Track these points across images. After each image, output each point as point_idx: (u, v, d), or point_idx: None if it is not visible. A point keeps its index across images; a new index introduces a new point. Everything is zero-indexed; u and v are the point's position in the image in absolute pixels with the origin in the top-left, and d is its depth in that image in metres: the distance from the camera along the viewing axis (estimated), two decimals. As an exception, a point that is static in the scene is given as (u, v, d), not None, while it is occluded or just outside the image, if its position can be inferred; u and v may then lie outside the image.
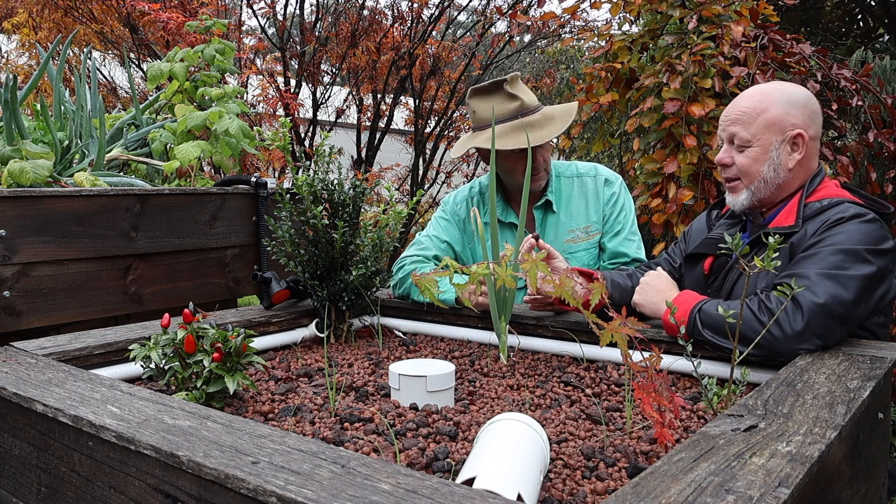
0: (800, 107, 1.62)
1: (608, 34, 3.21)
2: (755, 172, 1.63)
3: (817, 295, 1.37)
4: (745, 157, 1.64)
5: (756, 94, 1.65)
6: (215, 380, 1.30)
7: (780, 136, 1.61)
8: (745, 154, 1.64)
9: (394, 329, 2.01)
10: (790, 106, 1.61)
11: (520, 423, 1.03)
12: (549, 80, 7.31)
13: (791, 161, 1.62)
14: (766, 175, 1.63)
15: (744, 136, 1.63)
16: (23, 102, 2.42)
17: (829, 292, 1.37)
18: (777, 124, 1.61)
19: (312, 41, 5.79)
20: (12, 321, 1.81)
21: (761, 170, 1.63)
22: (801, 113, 1.62)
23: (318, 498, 0.76)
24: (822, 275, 1.40)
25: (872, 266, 1.43)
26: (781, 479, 0.81)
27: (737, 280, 1.66)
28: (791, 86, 1.67)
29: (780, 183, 1.64)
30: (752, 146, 1.63)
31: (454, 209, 2.27)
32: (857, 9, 6.84)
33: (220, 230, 2.29)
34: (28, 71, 6.07)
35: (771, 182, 1.63)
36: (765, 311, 1.39)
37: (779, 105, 1.61)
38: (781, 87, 1.66)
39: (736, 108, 1.65)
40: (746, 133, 1.62)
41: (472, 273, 1.50)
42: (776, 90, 1.65)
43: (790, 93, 1.64)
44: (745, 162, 1.64)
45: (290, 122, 2.16)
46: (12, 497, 1.22)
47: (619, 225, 2.16)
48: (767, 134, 1.61)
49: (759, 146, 1.62)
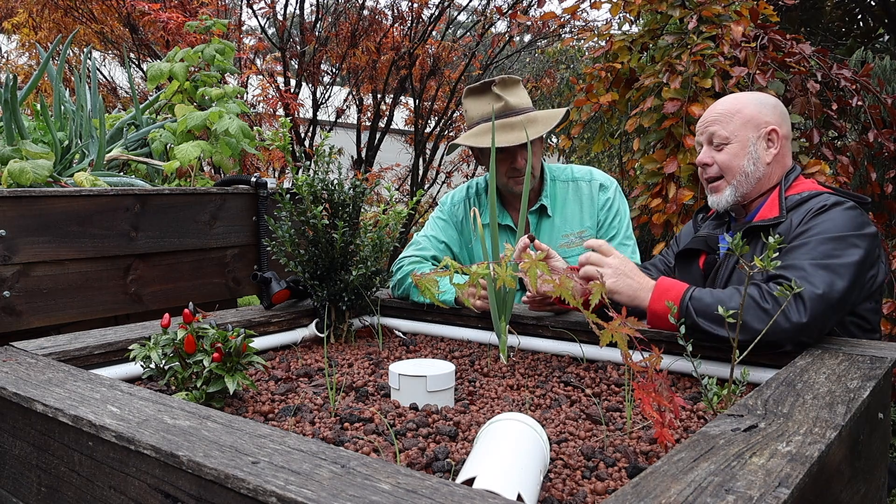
0: (770, 107, 1.74)
1: (608, 34, 3.21)
2: (736, 167, 1.72)
3: (815, 286, 1.40)
4: (724, 154, 1.73)
5: (730, 98, 1.78)
6: (215, 380, 1.30)
7: (756, 132, 1.72)
8: (724, 151, 1.73)
9: (394, 329, 2.01)
10: (762, 106, 1.74)
11: (520, 423, 1.03)
12: (549, 80, 7.32)
13: (768, 156, 1.72)
14: (747, 169, 1.71)
15: (722, 133, 1.73)
16: (23, 102, 2.42)
17: (826, 281, 1.41)
18: (752, 121, 1.72)
19: (312, 41, 5.79)
20: (12, 321, 1.81)
21: (742, 164, 1.71)
22: (772, 112, 1.74)
23: (318, 498, 0.76)
24: (816, 265, 1.44)
25: (861, 250, 1.47)
26: (781, 479, 0.81)
27: (730, 276, 1.70)
28: (762, 93, 1.83)
29: (760, 177, 1.72)
30: (730, 143, 1.73)
31: (451, 210, 2.27)
32: (857, 9, 6.84)
33: (220, 230, 2.29)
34: (28, 71, 6.07)
35: (751, 175, 1.72)
36: (768, 299, 1.41)
37: (752, 105, 1.74)
38: (753, 93, 1.81)
39: (713, 112, 1.77)
40: (725, 131, 1.73)
41: (471, 273, 1.50)
42: (747, 94, 1.79)
43: (759, 96, 1.77)
44: (726, 158, 1.73)
45: (290, 122, 2.17)
46: (12, 497, 1.22)
47: (613, 230, 2.16)
48: (744, 130, 1.72)
49: (737, 142, 1.72)
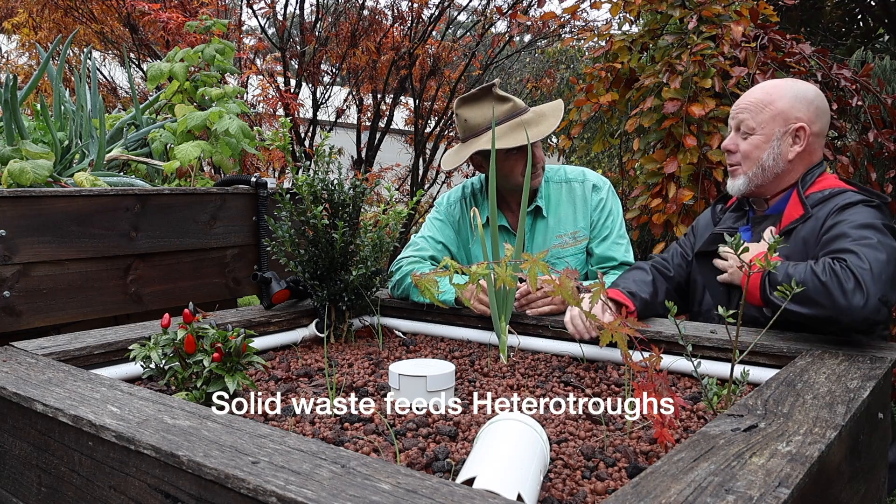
0: (806, 102, 1.72)
1: (608, 34, 3.21)
2: (755, 158, 1.73)
3: (863, 261, 1.41)
4: (748, 143, 1.74)
5: (768, 86, 1.76)
6: (215, 380, 1.30)
7: (783, 127, 1.71)
8: (748, 141, 1.74)
9: (394, 329, 2.01)
10: (797, 101, 1.71)
11: (520, 423, 1.03)
12: (549, 80, 7.32)
13: (791, 153, 1.71)
14: (766, 162, 1.72)
15: (750, 123, 1.73)
16: (23, 102, 2.42)
17: (871, 257, 1.42)
18: (782, 115, 1.71)
19: (312, 41, 5.79)
20: (12, 321, 1.81)
21: (761, 157, 1.72)
22: (806, 108, 1.71)
23: (318, 498, 0.76)
24: (858, 244, 1.45)
25: (893, 241, 1.49)
26: (781, 479, 0.81)
27: None
28: (803, 83, 1.76)
29: (779, 172, 1.73)
30: (755, 134, 1.73)
31: (448, 210, 2.27)
32: (857, 9, 6.84)
33: (220, 230, 2.29)
34: (28, 71, 6.06)
35: (769, 170, 1.72)
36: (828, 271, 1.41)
37: (786, 98, 1.72)
38: (792, 84, 1.76)
39: (747, 98, 1.76)
40: (753, 121, 1.73)
41: (472, 273, 1.50)
42: (787, 85, 1.75)
43: (799, 89, 1.74)
44: (748, 148, 1.74)
45: (290, 122, 2.17)
46: (12, 497, 1.22)
47: (606, 230, 2.17)
48: (772, 124, 1.71)
49: (762, 134, 1.72)
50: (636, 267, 1.91)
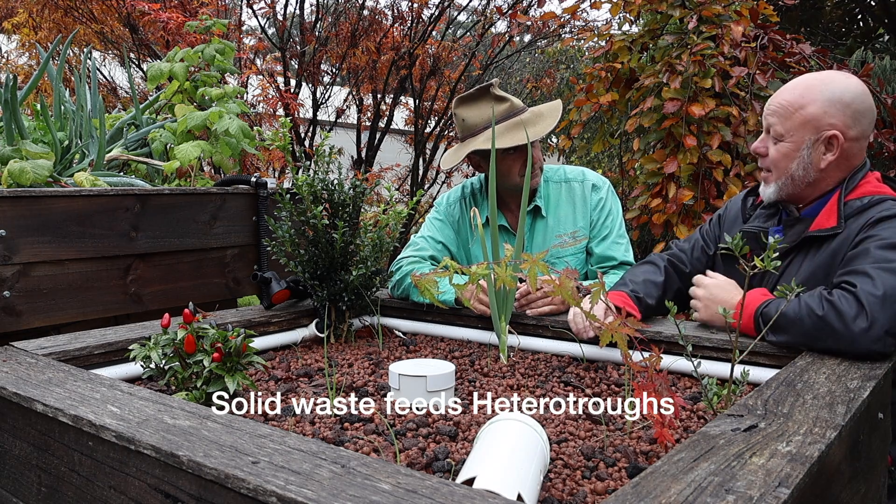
0: (842, 106, 1.55)
1: (608, 34, 3.21)
2: (783, 168, 1.60)
3: (876, 287, 1.35)
4: (776, 150, 1.61)
5: (801, 87, 1.59)
6: (215, 380, 1.30)
7: (815, 135, 1.56)
8: (777, 147, 1.61)
9: (394, 329, 2.01)
10: (830, 105, 1.55)
11: (520, 423, 1.03)
12: (549, 80, 7.32)
13: (823, 161, 1.57)
14: (795, 173, 1.59)
15: (779, 129, 1.60)
16: (23, 102, 2.42)
17: (887, 283, 1.35)
18: (813, 122, 1.56)
19: (312, 41, 5.79)
20: (12, 321, 1.81)
21: (790, 167, 1.59)
22: (841, 113, 1.55)
23: (318, 498, 0.76)
24: (877, 268, 1.38)
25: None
26: (781, 479, 0.81)
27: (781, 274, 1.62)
28: (842, 80, 1.58)
29: (811, 182, 1.60)
30: (784, 141, 1.59)
31: (447, 210, 2.27)
32: (857, 9, 6.84)
33: (220, 230, 2.29)
34: (28, 71, 6.06)
35: (799, 180, 1.60)
36: (824, 305, 1.37)
37: (819, 102, 1.56)
38: (828, 83, 1.58)
39: (777, 99, 1.62)
40: (781, 127, 1.59)
41: (471, 273, 1.50)
42: (821, 86, 1.57)
43: (835, 90, 1.56)
44: (776, 156, 1.61)
45: (290, 122, 2.17)
46: (12, 497, 1.22)
47: (606, 230, 2.17)
48: (802, 131, 1.57)
49: (791, 142, 1.59)
50: (649, 261, 1.83)
